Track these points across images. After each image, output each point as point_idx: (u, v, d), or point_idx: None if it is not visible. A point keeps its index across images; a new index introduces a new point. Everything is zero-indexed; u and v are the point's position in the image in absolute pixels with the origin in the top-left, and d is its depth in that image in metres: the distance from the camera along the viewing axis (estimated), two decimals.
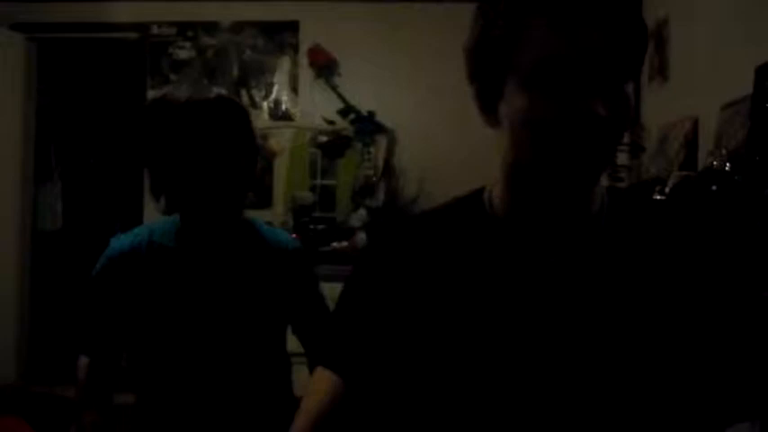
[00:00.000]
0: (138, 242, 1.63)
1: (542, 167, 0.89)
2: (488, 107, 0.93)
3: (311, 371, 1.20)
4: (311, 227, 4.42)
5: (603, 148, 0.87)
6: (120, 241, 1.65)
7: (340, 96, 4.66)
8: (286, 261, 1.69)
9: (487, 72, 0.91)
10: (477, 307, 0.94)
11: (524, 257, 0.95)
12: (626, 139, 3.04)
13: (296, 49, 4.73)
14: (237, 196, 1.60)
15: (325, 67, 4.70)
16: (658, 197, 2.19)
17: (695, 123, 2.62)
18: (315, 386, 1.04)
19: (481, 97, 0.94)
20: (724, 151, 1.96)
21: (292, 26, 4.73)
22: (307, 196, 4.56)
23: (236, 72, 4.76)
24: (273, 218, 4.40)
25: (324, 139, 4.64)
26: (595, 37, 0.84)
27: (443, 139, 4.39)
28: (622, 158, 3.05)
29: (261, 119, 4.59)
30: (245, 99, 4.69)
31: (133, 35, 4.80)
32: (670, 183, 2.14)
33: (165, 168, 1.55)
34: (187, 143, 1.51)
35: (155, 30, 4.77)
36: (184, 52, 4.77)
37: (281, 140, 4.66)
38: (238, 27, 4.75)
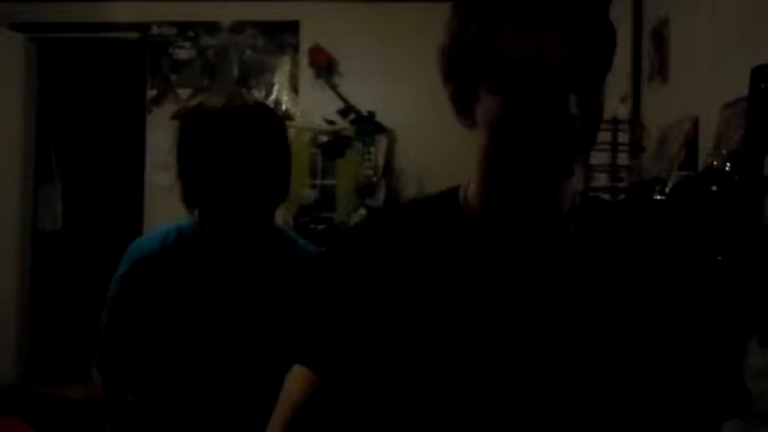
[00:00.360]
0: (168, 243, 1.57)
1: (516, 167, 0.91)
2: (464, 108, 0.95)
3: None
4: (311, 227, 4.42)
5: (576, 148, 0.89)
6: (149, 242, 1.59)
7: (340, 96, 4.66)
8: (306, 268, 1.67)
9: (462, 74, 0.93)
10: (448, 303, 0.96)
11: (495, 255, 0.96)
12: (626, 139, 3.04)
13: (296, 49, 4.74)
14: (271, 205, 1.58)
15: (325, 67, 4.70)
16: (658, 197, 2.19)
17: (695, 123, 2.62)
18: (291, 383, 1.05)
19: (456, 98, 0.95)
20: (724, 151, 1.96)
21: (292, 26, 4.73)
22: (307, 196, 4.56)
23: (236, 72, 4.77)
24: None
25: (324, 139, 4.64)
26: (567, 39, 0.86)
27: (443, 139, 4.36)
28: (622, 158, 3.05)
29: None
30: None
31: (133, 35, 4.81)
32: (670, 183, 2.14)
33: (201, 177, 1.51)
34: (227, 149, 1.48)
35: (155, 30, 4.78)
36: (185, 52, 4.78)
37: None
38: (238, 27, 4.75)
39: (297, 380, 1.04)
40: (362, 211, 4.48)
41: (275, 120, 1.57)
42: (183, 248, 1.57)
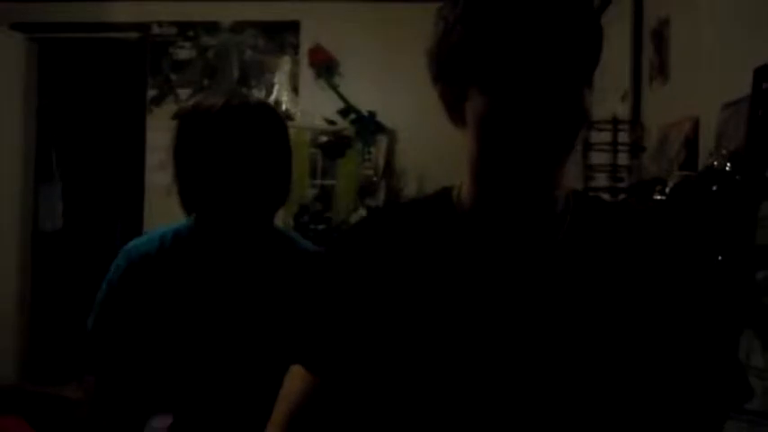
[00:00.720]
0: (165, 245, 1.54)
1: (503, 166, 0.93)
2: (454, 107, 0.96)
3: None
4: (311, 227, 4.42)
5: (560, 148, 0.91)
6: (145, 244, 1.55)
7: (340, 96, 4.66)
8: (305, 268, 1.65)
9: (450, 74, 0.94)
10: (440, 303, 0.96)
11: (488, 254, 0.97)
12: (626, 139, 3.04)
13: (296, 49, 4.73)
14: (271, 208, 1.55)
15: (325, 67, 4.70)
16: (658, 197, 2.19)
17: (696, 123, 2.62)
18: (289, 382, 1.07)
19: (446, 98, 0.96)
20: (724, 151, 1.96)
21: (293, 26, 4.73)
22: (307, 196, 4.56)
23: (236, 72, 4.76)
24: None
25: (324, 139, 4.64)
26: (553, 39, 0.87)
27: (443, 139, 4.35)
28: (622, 158, 3.05)
29: None
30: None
31: (134, 35, 4.81)
32: (670, 183, 2.14)
33: (199, 178, 1.47)
34: (226, 149, 1.44)
35: (155, 30, 4.77)
36: (185, 52, 4.77)
37: None
38: (239, 27, 4.75)
39: (295, 379, 1.06)
40: (362, 211, 4.48)
41: (276, 119, 1.54)
42: (180, 251, 1.54)
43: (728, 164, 1.88)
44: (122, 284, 1.53)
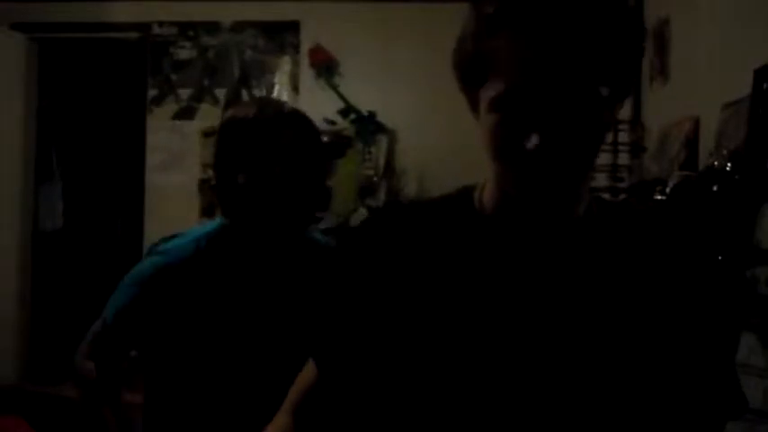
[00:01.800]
0: (199, 249, 1.55)
1: (501, 171, 0.92)
2: (473, 107, 0.96)
3: None
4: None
5: (558, 172, 0.88)
6: (181, 248, 1.56)
7: (341, 96, 4.66)
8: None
9: (464, 80, 0.95)
10: (457, 303, 0.96)
11: (508, 256, 0.96)
12: (627, 140, 3.04)
13: (297, 49, 4.73)
14: (308, 215, 1.58)
15: (325, 67, 4.70)
16: (659, 197, 2.19)
17: (696, 123, 2.62)
18: (303, 374, 1.10)
19: (468, 98, 0.97)
20: (725, 151, 1.96)
21: (293, 26, 4.73)
22: None
23: (237, 72, 4.76)
24: None
25: (324, 139, 4.63)
26: (562, 66, 0.85)
27: (444, 139, 4.38)
28: (623, 158, 3.05)
29: None
30: (245, 99, 4.70)
31: (134, 35, 4.81)
32: (671, 183, 2.14)
33: (238, 186, 1.50)
34: (262, 158, 1.48)
35: (156, 29, 4.77)
36: (185, 52, 4.77)
37: None
38: (239, 27, 4.75)
39: (308, 370, 1.09)
40: (363, 211, 4.48)
41: (310, 127, 1.58)
42: (215, 255, 1.55)
43: (728, 164, 1.88)
44: (156, 285, 1.54)
